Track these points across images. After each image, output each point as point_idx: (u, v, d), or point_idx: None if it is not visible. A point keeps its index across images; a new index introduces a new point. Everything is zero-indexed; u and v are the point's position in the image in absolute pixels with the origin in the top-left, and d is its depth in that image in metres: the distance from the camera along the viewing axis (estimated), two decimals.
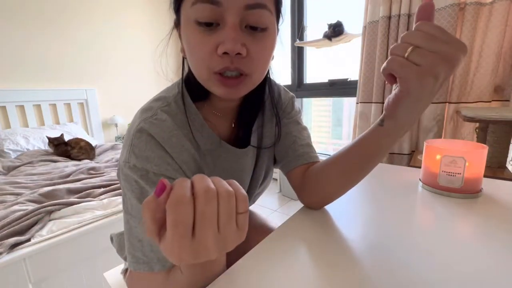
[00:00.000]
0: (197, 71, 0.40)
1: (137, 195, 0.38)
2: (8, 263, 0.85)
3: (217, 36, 0.35)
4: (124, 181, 0.40)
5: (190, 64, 0.41)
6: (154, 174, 0.39)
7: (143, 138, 0.39)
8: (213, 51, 0.36)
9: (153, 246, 0.38)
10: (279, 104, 0.57)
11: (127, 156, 0.39)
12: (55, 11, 2.16)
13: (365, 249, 0.38)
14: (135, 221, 0.39)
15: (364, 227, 0.45)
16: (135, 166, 0.38)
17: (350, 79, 2.12)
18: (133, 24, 2.65)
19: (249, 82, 0.40)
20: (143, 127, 0.40)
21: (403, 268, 0.33)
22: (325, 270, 0.34)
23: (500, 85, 1.39)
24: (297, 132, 0.56)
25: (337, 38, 1.98)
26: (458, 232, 0.42)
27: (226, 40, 0.34)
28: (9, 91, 1.97)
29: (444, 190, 0.56)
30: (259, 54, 0.38)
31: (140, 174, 0.38)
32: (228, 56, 0.35)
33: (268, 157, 0.59)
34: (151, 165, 0.38)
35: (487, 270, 0.33)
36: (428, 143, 0.59)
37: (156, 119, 0.41)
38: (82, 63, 2.35)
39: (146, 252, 0.38)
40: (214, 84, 0.38)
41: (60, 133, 1.91)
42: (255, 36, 0.37)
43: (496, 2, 1.29)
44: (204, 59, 0.37)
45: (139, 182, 0.38)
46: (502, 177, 1.00)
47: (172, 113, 0.43)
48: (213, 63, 0.36)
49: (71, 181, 1.33)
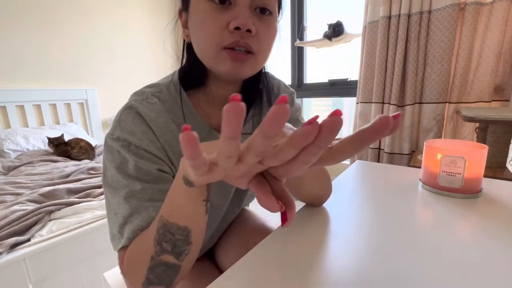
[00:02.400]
0: (206, 47, 0.41)
1: (117, 164, 0.40)
2: (8, 263, 0.85)
3: (229, 14, 0.38)
4: (106, 152, 0.42)
5: (198, 42, 0.42)
6: (136, 147, 0.40)
7: (131, 114, 0.42)
8: (224, 27, 0.38)
9: (126, 218, 0.38)
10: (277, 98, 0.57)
11: (113, 129, 0.42)
12: (55, 10, 2.16)
13: (365, 249, 0.38)
14: (111, 193, 0.40)
15: (364, 227, 0.45)
16: (119, 137, 0.41)
17: (350, 79, 2.12)
18: (134, 24, 2.65)
19: (254, 62, 0.42)
20: (133, 105, 0.43)
21: (403, 268, 0.33)
22: (325, 270, 0.34)
23: (500, 85, 1.39)
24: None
25: (337, 38, 1.98)
26: (458, 232, 0.42)
27: (239, 15, 0.37)
28: (9, 91, 1.97)
29: (444, 190, 0.56)
30: (265, 35, 0.41)
31: (122, 144, 0.40)
32: (239, 32, 0.38)
33: None
34: (134, 138, 0.41)
35: (487, 270, 0.33)
36: (428, 143, 0.59)
37: (146, 101, 0.44)
38: (82, 63, 2.35)
39: (119, 226, 0.38)
40: (223, 59, 0.40)
41: (60, 133, 1.90)
42: (262, 19, 0.40)
43: (496, 2, 1.29)
44: (215, 34, 0.38)
45: (121, 152, 0.40)
46: (502, 177, 1.00)
47: (162, 98, 0.45)
48: (224, 37, 0.38)
49: (71, 181, 1.33)
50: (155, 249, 0.33)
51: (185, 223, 0.32)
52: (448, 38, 1.41)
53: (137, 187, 0.39)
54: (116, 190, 0.39)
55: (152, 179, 0.40)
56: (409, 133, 1.60)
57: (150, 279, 0.35)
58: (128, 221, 0.38)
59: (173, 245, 0.33)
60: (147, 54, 2.78)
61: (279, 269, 0.34)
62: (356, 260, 0.35)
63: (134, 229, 0.37)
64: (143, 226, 0.37)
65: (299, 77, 2.45)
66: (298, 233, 0.43)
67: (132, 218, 0.38)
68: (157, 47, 2.82)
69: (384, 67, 1.62)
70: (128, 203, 0.38)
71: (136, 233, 0.38)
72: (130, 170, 0.40)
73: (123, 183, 0.39)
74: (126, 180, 0.39)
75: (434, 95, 1.50)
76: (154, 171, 0.41)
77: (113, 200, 0.39)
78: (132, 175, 0.39)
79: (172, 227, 0.32)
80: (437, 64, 1.46)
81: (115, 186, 0.40)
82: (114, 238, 0.39)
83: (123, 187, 0.39)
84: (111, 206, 0.40)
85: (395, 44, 1.55)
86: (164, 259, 0.34)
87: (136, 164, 0.40)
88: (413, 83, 1.53)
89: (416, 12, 1.45)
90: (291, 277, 0.32)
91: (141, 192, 0.39)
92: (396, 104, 1.57)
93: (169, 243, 0.32)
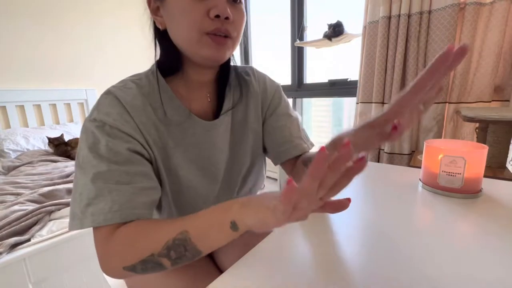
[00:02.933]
0: (188, 34, 0.44)
1: (89, 144, 0.41)
2: (8, 263, 0.86)
3: (208, 2, 0.41)
4: (82, 133, 0.43)
5: (178, 29, 0.45)
6: (110, 127, 0.42)
7: (109, 99, 0.44)
8: (205, 14, 0.42)
9: (90, 199, 0.38)
10: (265, 94, 0.61)
11: (91, 113, 0.44)
12: (56, 10, 2.16)
13: (365, 248, 0.38)
14: (81, 173, 0.40)
15: (364, 227, 0.45)
16: (95, 119, 0.42)
17: (350, 79, 2.12)
18: (133, 24, 2.65)
19: (231, 45, 0.47)
20: (111, 90, 0.45)
21: (403, 267, 0.33)
22: (325, 270, 0.34)
23: (500, 85, 1.39)
24: (290, 124, 0.61)
25: (337, 38, 1.98)
26: (458, 232, 0.42)
27: (218, 4, 0.41)
28: (9, 91, 1.97)
29: (444, 190, 0.56)
30: (239, 21, 0.46)
31: (97, 125, 0.42)
32: (219, 20, 0.42)
33: (254, 140, 0.60)
34: (109, 118, 0.42)
35: (487, 270, 0.33)
36: (428, 143, 0.59)
37: (124, 87, 0.47)
38: (82, 63, 2.35)
39: (82, 206, 0.39)
40: (206, 43, 0.44)
41: (60, 133, 1.90)
42: (235, 6, 0.45)
43: (496, 2, 1.29)
44: (196, 22, 0.42)
45: (95, 133, 0.41)
46: (502, 177, 1.00)
47: (140, 84, 0.48)
48: (205, 24, 0.42)
49: (71, 181, 1.33)
50: (160, 251, 0.34)
51: (203, 249, 0.34)
52: (448, 38, 1.41)
53: (104, 168, 0.39)
54: (85, 171, 0.40)
55: (122, 160, 0.41)
56: (409, 133, 1.60)
57: (135, 268, 0.36)
58: (92, 203, 0.38)
59: (178, 257, 0.34)
60: (147, 54, 2.77)
61: (279, 269, 0.34)
62: (356, 260, 0.35)
63: (97, 213, 0.38)
64: (105, 210, 0.38)
65: (299, 77, 2.45)
66: (297, 233, 0.43)
67: (96, 201, 0.38)
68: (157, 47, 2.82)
69: (384, 67, 1.62)
70: (94, 184, 0.39)
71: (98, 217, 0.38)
72: (101, 150, 0.40)
73: (92, 163, 0.40)
74: (95, 160, 0.40)
75: None
76: (124, 151, 0.41)
77: (81, 181, 0.40)
78: (103, 155, 0.40)
79: (189, 246, 0.34)
80: None
81: (84, 166, 0.40)
82: (75, 217, 0.39)
83: (91, 168, 0.39)
84: (78, 186, 0.40)
85: (395, 44, 1.55)
86: (161, 261, 0.35)
87: (107, 144, 0.41)
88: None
89: (416, 12, 1.45)
90: (291, 277, 0.32)
91: (108, 174, 0.39)
92: None
93: (177, 254, 0.34)
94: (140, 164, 0.43)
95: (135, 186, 0.41)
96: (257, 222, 0.30)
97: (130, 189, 0.40)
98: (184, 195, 0.53)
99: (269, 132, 0.62)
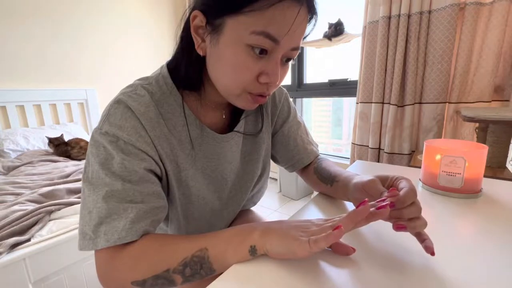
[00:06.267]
0: (230, 86, 0.41)
1: (101, 160, 0.38)
2: (8, 263, 0.86)
3: (262, 64, 0.39)
4: (91, 146, 0.40)
5: (220, 74, 0.42)
6: (124, 142, 0.39)
7: (120, 109, 0.40)
8: (255, 78, 0.40)
9: (102, 218, 0.37)
10: (274, 103, 0.60)
11: (101, 124, 0.40)
12: (55, 10, 2.16)
13: (364, 249, 0.38)
14: (90, 190, 0.38)
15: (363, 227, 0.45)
16: (107, 132, 0.39)
17: (350, 79, 2.12)
18: (134, 24, 2.65)
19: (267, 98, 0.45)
20: (122, 99, 0.41)
21: (402, 268, 0.33)
22: (324, 269, 0.34)
23: (500, 85, 1.39)
24: (300, 131, 0.63)
25: (337, 38, 1.98)
26: (458, 232, 0.42)
27: (271, 73, 0.39)
28: (9, 91, 1.97)
29: (444, 190, 0.56)
30: (282, 78, 0.43)
31: (110, 140, 0.39)
32: (266, 84, 0.41)
33: (265, 150, 0.60)
34: (123, 133, 0.39)
35: (487, 270, 0.33)
36: (428, 143, 0.59)
37: (135, 93, 0.43)
38: (82, 63, 2.35)
39: (92, 225, 0.37)
40: (245, 99, 0.42)
41: (60, 133, 1.90)
42: (285, 65, 0.42)
43: (496, 2, 1.29)
44: (244, 82, 0.40)
45: (107, 148, 0.39)
46: (502, 177, 1.00)
47: (151, 90, 0.44)
48: (252, 86, 0.40)
49: (71, 181, 1.33)
50: (176, 266, 0.34)
51: (217, 268, 0.35)
52: (448, 38, 1.41)
53: (119, 187, 0.37)
54: (96, 188, 0.38)
55: (136, 179, 0.39)
56: (409, 133, 1.60)
57: (145, 283, 0.35)
58: (105, 222, 0.37)
59: (192, 274, 0.35)
60: (147, 54, 2.78)
61: (279, 270, 0.34)
62: (356, 260, 0.35)
63: (110, 232, 0.36)
64: (118, 229, 0.36)
65: (299, 77, 2.45)
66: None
67: (109, 219, 0.37)
68: (157, 47, 2.82)
69: (384, 67, 1.62)
70: (107, 203, 0.37)
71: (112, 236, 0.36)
72: (114, 167, 0.38)
73: (104, 181, 0.38)
74: (108, 178, 0.38)
75: (434, 95, 1.50)
76: (140, 170, 0.39)
77: (90, 198, 0.38)
78: (116, 173, 0.38)
79: (206, 264, 0.34)
80: (437, 64, 1.46)
81: (94, 182, 0.38)
82: (85, 237, 0.37)
83: (103, 185, 0.37)
84: (87, 203, 0.38)
85: (395, 44, 1.55)
86: (174, 277, 0.35)
87: (122, 162, 0.38)
88: (413, 83, 1.53)
89: (416, 12, 1.45)
90: (291, 278, 0.32)
91: (122, 193, 0.38)
92: (396, 104, 1.57)
93: (192, 271, 0.34)
94: (154, 183, 0.42)
95: (148, 205, 0.39)
96: (284, 251, 0.33)
97: (143, 207, 0.39)
98: (194, 206, 0.52)
99: (281, 142, 0.61)
